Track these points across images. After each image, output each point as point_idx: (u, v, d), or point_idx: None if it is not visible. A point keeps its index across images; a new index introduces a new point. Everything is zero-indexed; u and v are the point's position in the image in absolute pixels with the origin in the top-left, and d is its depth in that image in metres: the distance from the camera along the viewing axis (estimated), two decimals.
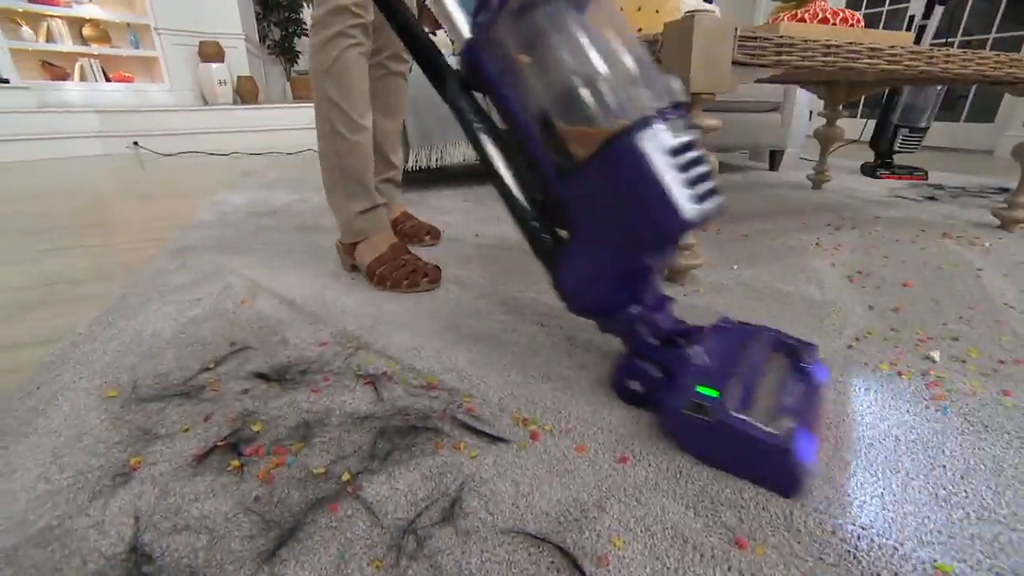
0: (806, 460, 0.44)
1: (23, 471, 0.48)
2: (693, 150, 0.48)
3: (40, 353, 0.71)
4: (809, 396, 0.53)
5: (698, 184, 0.47)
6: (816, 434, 0.49)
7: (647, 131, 0.46)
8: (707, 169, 0.49)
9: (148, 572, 0.37)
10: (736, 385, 0.49)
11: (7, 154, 2.74)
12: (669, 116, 0.47)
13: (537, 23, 0.51)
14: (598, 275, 0.55)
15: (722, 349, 0.56)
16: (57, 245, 1.24)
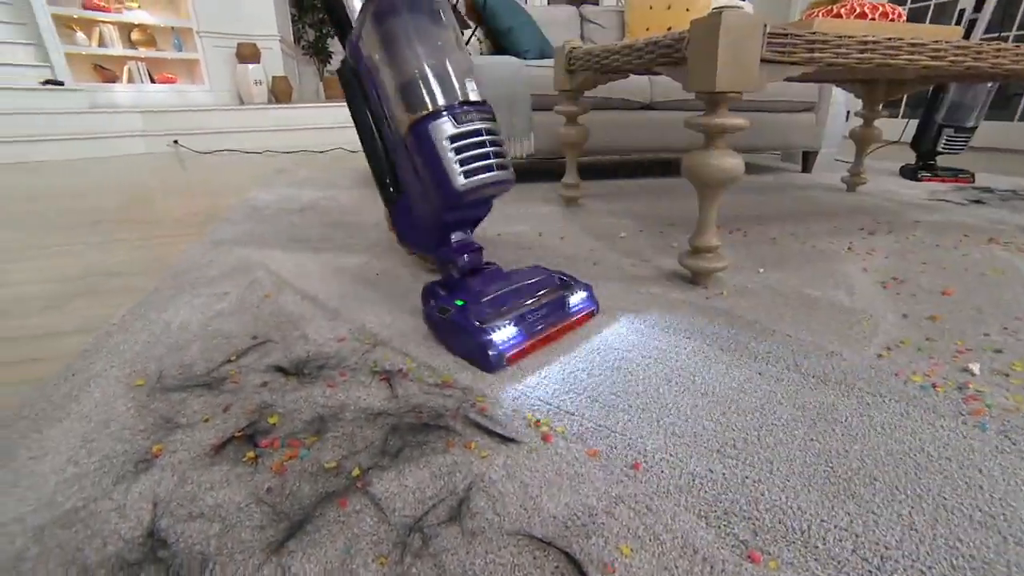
0: (499, 347, 0.64)
1: (54, 454, 0.50)
2: (472, 137, 0.67)
3: (78, 341, 0.74)
4: (547, 315, 0.71)
5: (471, 163, 0.67)
6: (530, 336, 0.68)
7: (435, 121, 0.66)
8: (482, 152, 0.68)
9: (163, 556, 0.39)
10: (489, 302, 0.69)
11: (61, 152, 2.88)
12: (456, 110, 0.67)
13: (387, 29, 0.69)
14: (415, 223, 0.76)
15: (503, 281, 0.74)
16: (100, 239, 1.30)
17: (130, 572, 0.37)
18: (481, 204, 0.75)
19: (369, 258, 1.09)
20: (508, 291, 0.72)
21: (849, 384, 0.61)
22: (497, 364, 0.64)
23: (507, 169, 0.71)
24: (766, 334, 0.74)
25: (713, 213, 0.86)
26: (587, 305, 0.77)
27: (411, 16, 0.69)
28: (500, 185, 0.71)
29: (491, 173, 0.69)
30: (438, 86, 0.68)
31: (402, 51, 0.68)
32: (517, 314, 0.69)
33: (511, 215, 1.47)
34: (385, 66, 0.70)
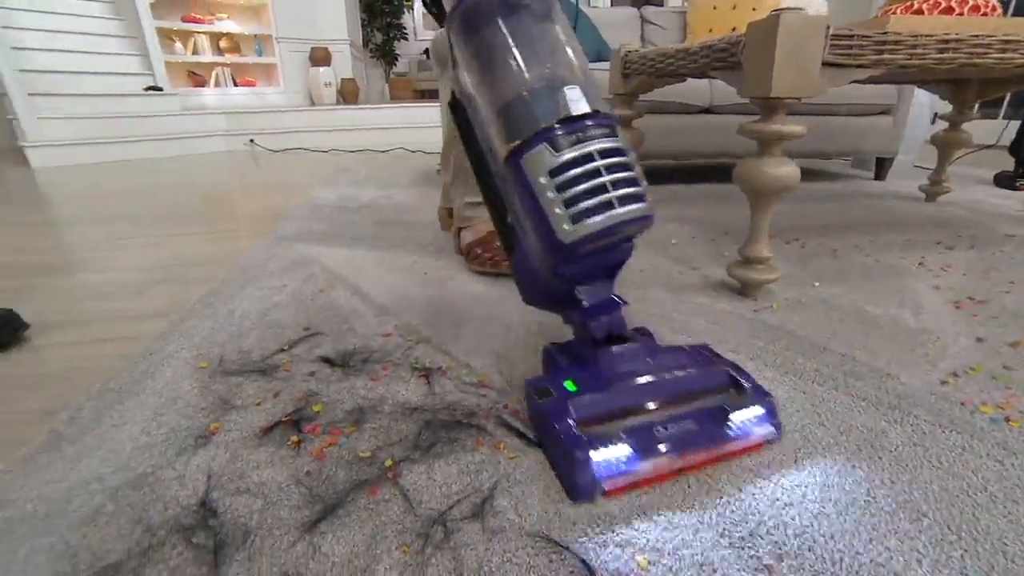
0: (598, 472, 0.45)
1: (131, 424, 0.56)
2: (581, 165, 0.47)
3: (157, 324, 0.82)
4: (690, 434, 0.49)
5: (581, 202, 0.47)
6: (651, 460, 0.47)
7: (528, 153, 0.48)
8: (596, 184, 0.47)
9: (212, 525, 0.43)
10: (607, 396, 0.51)
11: (156, 151, 3.17)
12: (555, 133, 0.48)
13: (474, 45, 0.54)
14: (534, 274, 0.56)
15: (643, 363, 0.53)
16: (182, 231, 1.43)
17: (184, 535, 0.42)
18: (610, 250, 0.53)
19: (420, 257, 1.13)
20: (642, 383, 0.52)
21: (904, 410, 0.58)
22: (587, 494, 0.45)
23: (638, 201, 0.49)
24: (815, 351, 0.70)
25: (765, 223, 0.83)
26: (761, 428, 0.51)
27: (501, 19, 0.52)
28: (629, 225, 0.49)
29: (611, 212, 0.47)
30: (532, 105, 0.49)
31: (491, 68, 0.52)
32: (641, 424, 0.49)
33: None
34: (479, 91, 0.53)
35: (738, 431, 0.50)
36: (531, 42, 0.52)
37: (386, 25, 5.35)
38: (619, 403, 0.51)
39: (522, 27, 0.52)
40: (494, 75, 0.52)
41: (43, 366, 0.72)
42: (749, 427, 0.50)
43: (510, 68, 0.51)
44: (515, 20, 0.52)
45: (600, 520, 0.44)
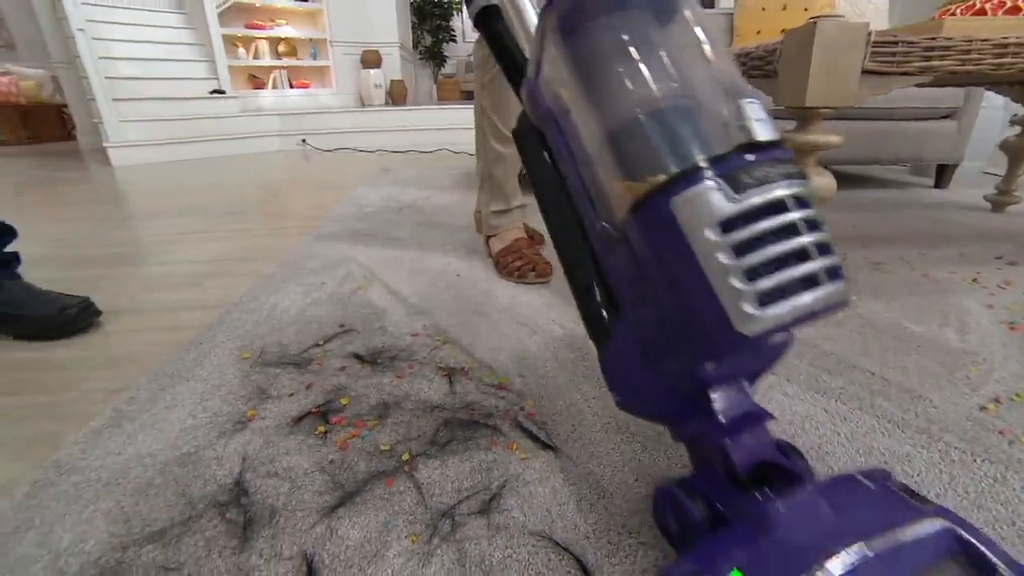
0: None
1: (180, 407, 0.62)
2: (769, 218, 0.30)
3: (208, 315, 0.89)
4: None
5: (771, 273, 0.30)
6: None
7: (687, 192, 0.31)
8: (796, 247, 0.30)
9: (244, 503, 0.47)
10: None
11: (217, 150, 3.38)
12: (733, 166, 0.31)
13: (582, 45, 0.38)
14: (645, 371, 0.39)
15: (833, 522, 0.34)
16: (237, 227, 1.53)
17: (220, 510, 0.46)
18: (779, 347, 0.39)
19: (454, 259, 1.17)
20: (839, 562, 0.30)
21: (933, 435, 0.55)
22: None
23: (840, 278, 0.32)
24: (843, 368, 0.68)
25: None
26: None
27: (622, 15, 0.37)
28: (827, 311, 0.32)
29: (818, 293, 0.31)
30: (687, 127, 0.33)
31: (610, 76, 0.36)
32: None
33: None
34: (582, 106, 0.38)
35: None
36: (677, 38, 0.37)
37: (435, 27, 5.47)
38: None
39: (661, 18, 0.37)
40: (613, 84, 0.36)
41: (111, 350, 0.80)
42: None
43: (642, 73, 0.35)
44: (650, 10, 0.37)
45: (603, 530, 0.45)
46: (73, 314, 0.83)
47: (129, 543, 0.43)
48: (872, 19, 1.86)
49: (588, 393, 0.65)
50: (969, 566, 0.33)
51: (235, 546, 0.43)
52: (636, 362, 0.40)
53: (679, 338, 0.36)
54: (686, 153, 0.32)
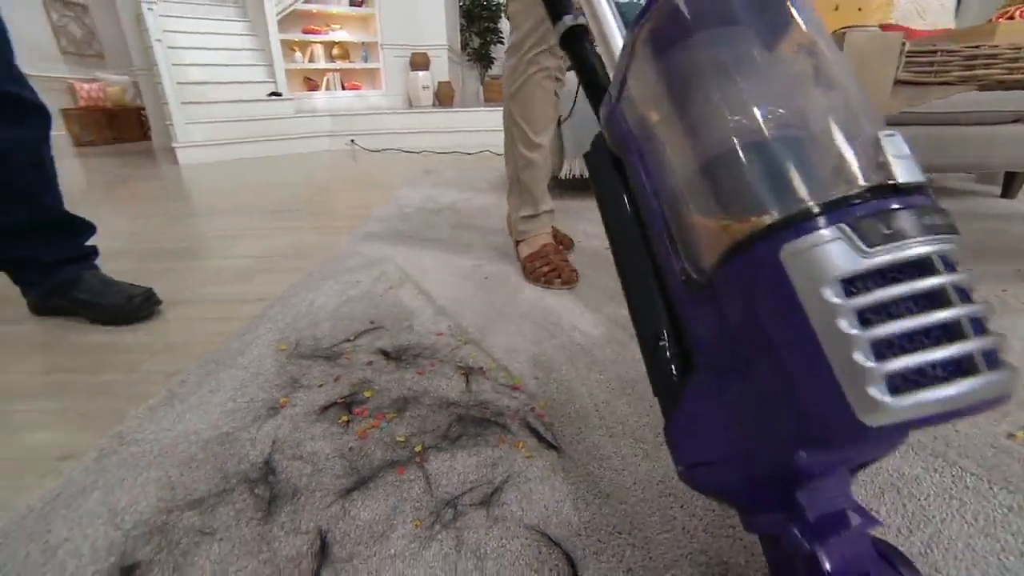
0: None
1: (222, 391, 0.69)
2: (909, 281, 0.24)
3: (253, 308, 0.97)
4: None
5: (908, 352, 0.24)
6: None
7: (803, 239, 0.25)
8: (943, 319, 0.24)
9: (271, 481, 0.52)
10: None
11: (272, 150, 3.58)
12: (864, 213, 0.25)
13: (676, 63, 0.34)
14: (723, 448, 0.33)
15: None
16: (286, 224, 1.63)
17: (250, 486, 0.52)
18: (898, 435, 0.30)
19: (484, 262, 1.21)
20: None
21: (949, 459, 0.54)
22: None
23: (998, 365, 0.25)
24: None
25: None
26: None
27: (726, 31, 0.33)
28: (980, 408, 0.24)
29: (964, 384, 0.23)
30: (807, 161, 0.28)
31: (708, 99, 0.32)
32: None
33: None
34: (674, 131, 0.34)
35: None
36: (789, 62, 0.32)
37: (483, 29, 5.54)
38: None
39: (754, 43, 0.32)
40: (714, 106, 0.31)
41: (169, 336, 0.89)
42: None
43: (750, 96, 0.30)
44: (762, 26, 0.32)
45: (594, 529, 0.47)
46: (138, 303, 0.92)
47: (173, 507, 0.49)
48: (936, 16, 1.76)
49: (598, 398, 0.67)
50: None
51: (260, 518, 0.48)
52: (712, 435, 0.34)
53: (775, 416, 0.28)
54: (804, 193, 0.26)
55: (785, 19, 0.31)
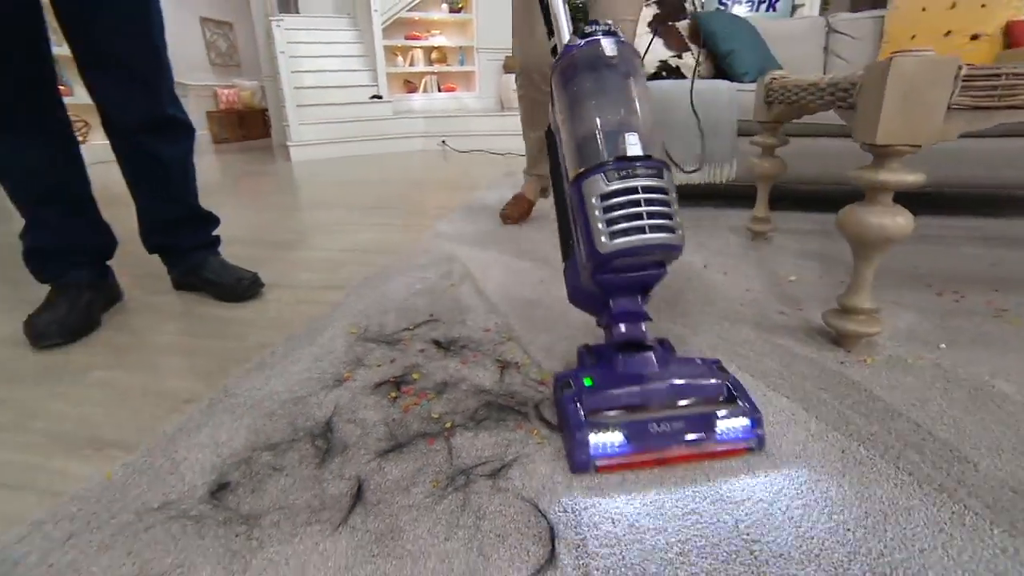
0: (592, 451, 0.58)
1: (301, 363, 0.84)
2: (623, 195, 0.59)
3: (336, 295, 1.13)
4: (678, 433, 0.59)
5: (619, 223, 0.59)
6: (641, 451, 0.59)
7: (587, 179, 0.61)
8: (634, 211, 0.59)
9: (328, 437, 0.65)
10: (613, 395, 0.63)
11: (372, 150, 3.91)
12: (610, 167, 0.60)
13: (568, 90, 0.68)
14: (578, 278, 0.70)
15: (654, 369, 0.65)
16: (376, 221, 1.82)
17: (312, 439, 0.65)
18: (645, 268, 0.64)
19: (539, 265, 1.29)
20: (648, 388, 0.63)
21: (957, 497, 0.54)
22: (581, 468, 0.58)
23: (669, 232, 0.59)
24: (885, 416, 0.67)
25: (868, 273, 0.78)
26: (743, 437, 0.60)
27: (588, 74, 0.66)
28: (657, 250, 0.60)
29: (642, 236, 0.58)
30: (597, 143, 0.62)
31: (576, 110, 0.66)
32: (636, 420, 0.60)
33: (690, 243, 1.48)
34: (564, 125, 0.68)
35: (722, 436, 0.60)
36: (608, 93, 0.66)
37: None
38: (625, 401, 0.63)
39: (603, 81, 0.66)
40: (578, 115, 0.66)
41: (267, 314, 1.07)
42: (733, 434, 0.60)
43: (590, 111, 0.65)
44: (599, 75, 0.66)
45: (578, 510, 0.54)
46: (245, 285, 1.12)
47: (256, 447, 0.63)
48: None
49: None
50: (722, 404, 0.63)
51: (316, 464, 0.60)
52: (575, 273, 0.70)
53: (586, 257, 0.63)
54: (598, 157, 0.62)
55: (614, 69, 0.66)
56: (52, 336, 0.93)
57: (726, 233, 1.53)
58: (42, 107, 0.94)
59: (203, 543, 0.50)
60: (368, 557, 0.48)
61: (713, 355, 0.82)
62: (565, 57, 0.69)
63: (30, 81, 0.91)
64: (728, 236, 1.50)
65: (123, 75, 0.96)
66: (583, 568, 0.47)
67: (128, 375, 0.84)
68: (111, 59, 0.95)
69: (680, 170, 1.55)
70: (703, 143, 1.54)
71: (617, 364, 0.65)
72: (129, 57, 0.96)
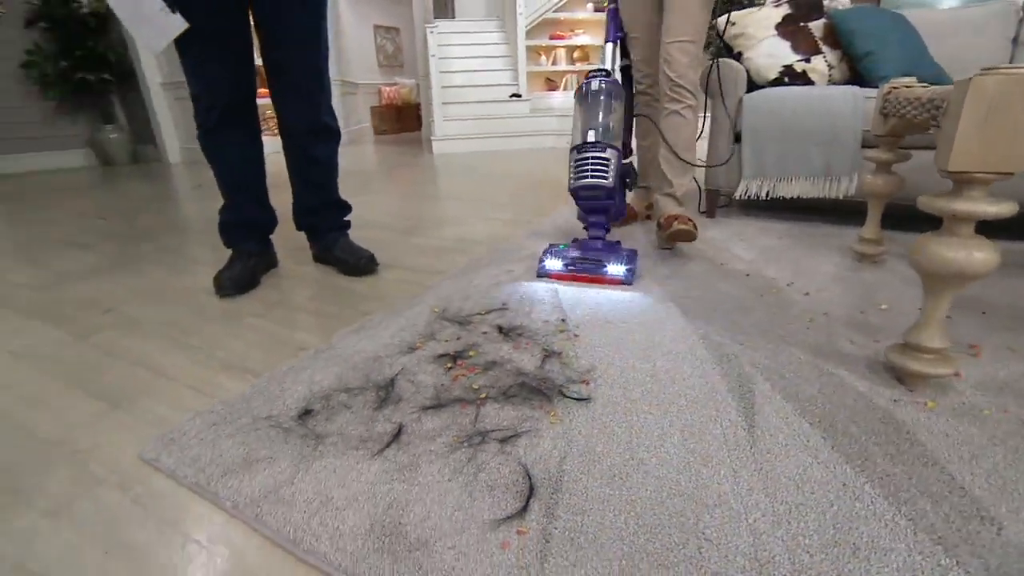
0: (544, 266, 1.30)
1: (387, 330, 1.02)
2: (580, 162, 1.28)
3: (432, 279, 1.32)
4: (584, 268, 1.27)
5: (576, 173, 1.28)
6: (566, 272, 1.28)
7: (571, 151, 1.32)
8: (586, 167, 1.26)
9: (389, 391, 0.82)
10: (565, 251, 1.32)
11: (506, 145, 4.16)
12: (580, 147, 1.29)
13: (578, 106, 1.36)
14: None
15: (590, 245, 1.32)
16: (485, 215, 2.01)
17: (376, 390, 0.82)
18: (597, 200, 1.29)
19: None
20: (583, 251, 1.29)
21: (958, 558, 0.51)
22: (540, 275, 1.29)
23: (600, 178, 1.25)
24: (917, 463, 0.63)
25: (940, 311, 0.72)
26: (618, 276, 1.23)
27: (581, 99, 1.35)
28: (591, 188, 1.26)
29: (584, 179, 1.26)
30: (579, 135, 1.31)
31: (577, 115, 1.35)
32: (569, 259, 1.28)
33: (783, 260, 1.40)
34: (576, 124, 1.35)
35: (606, 273, 1.24)
36: (589, 110, 1.32)
37: None
38: (570, 256, 1.29)
39: (587, 102, 1.33)
40: (576, 118, 1.34)
41: (376, 289, 1.30)
42: (614, 273, 1.24)
43: (578, 118, 1.34)
44: (586, 99, 1.34)
45: (559, 482, 0.63)
46: (363, 264, 1.36)
47: (335, 390, 0.82)
48: None
49: (633, 407, 0.78)
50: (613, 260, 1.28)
51: (374, 408, 0.77)
52: None
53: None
54: (577, 141, 1.32)
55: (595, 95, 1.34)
56: (228, 289, 1.26)
57: (831, 253, 1.41)
58: (253, 114, 1.28)
59: (286, 446, 0.69)
60: (389, 480, 0.63)
61: (752, 370, 0.82)
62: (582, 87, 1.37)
63: (250, 93, 1.24)
64: (831, 256, 1.39)
65: (296, 90, 1.26)
66: (545, 526, 0.56)
67: (270, 324, 1.12)
68: (289, 78, 1.25)
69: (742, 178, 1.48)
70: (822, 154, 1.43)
71: (580, 242, 1.34)
72: (301, 77, 1.25)
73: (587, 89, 1.31)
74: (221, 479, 0.64)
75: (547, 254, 1.29)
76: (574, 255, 1.27)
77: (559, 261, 1.26)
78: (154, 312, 1.19)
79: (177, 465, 0.67)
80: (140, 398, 0.85)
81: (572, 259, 1.26)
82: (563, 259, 1.26)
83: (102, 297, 1.29)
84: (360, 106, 5.82)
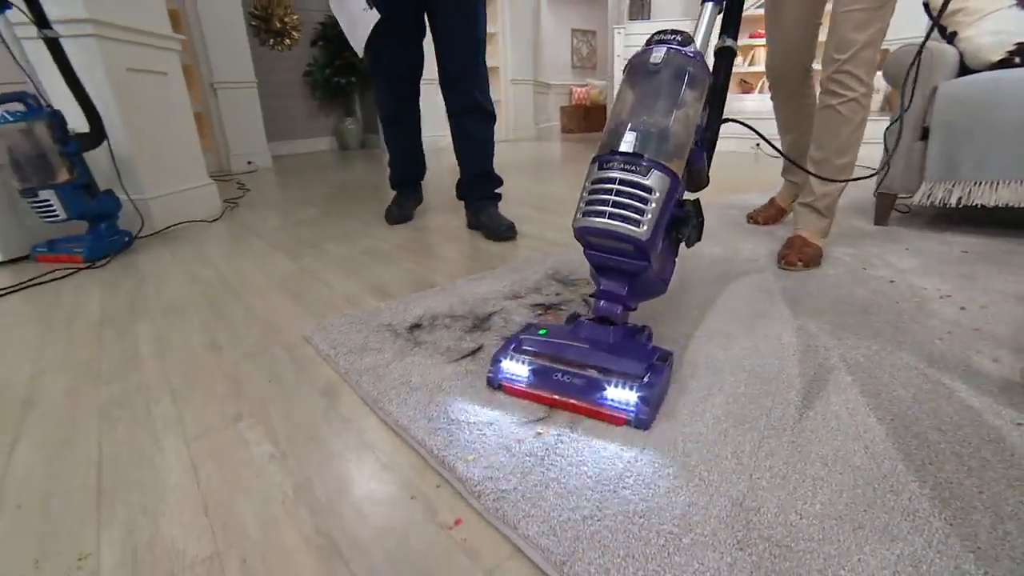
0: (500, 373, 0.73)
1: (502, 281, 1.18)
2: (601, 183, 0.69)
3: (556, 248, 1.44)
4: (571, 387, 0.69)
5: (590, 206, 0.69)
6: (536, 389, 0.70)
7: (592, 165, 0.73)
8: (602, 198, 0.68)
9: (485, 321, 0.97)
10: (544, 343, 0.74)
11: None
12: (603, 159, 0.70)
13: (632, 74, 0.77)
14: None
15: (585, 338, 0.73)
16: None
17: (475, 319, 0.97)
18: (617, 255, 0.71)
19: (722, 262, 1.28)
20: (572, 347, 0.71)
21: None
22: (491, 382, 0.74)
23: (627, 223, 0.66)
24: (1003, 482, 0.53)
25: None
26: (623, 410, 0.65)
27: (630, 74, 0.76)
28: (608, 235, 0.67)
29: (598, 219, 0.67)
30: (608, 136, 0.72)
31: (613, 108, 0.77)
32: (543, 366, 0.71)
33: (949, 272, 1.17)
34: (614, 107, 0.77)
35: (605, 402, 0.66)
36: (632, 94, 0.74)
37: None
38: (553, 351, 0.73)
39: (635, 83, 0.75)
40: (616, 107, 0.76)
41: (509, 251, 1.47)
42: (617, 405, 0.66)
43: (614, 108, 0.77)
44: (634, 78, 0.75)
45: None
46: (503, 230, 1.55)
47: (444, 315, 1.00)
48: None
49: (692, 371, 0.79)
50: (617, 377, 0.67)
51: (467, 330, 0.93)
52: None
53: None
54: (603, 149, 0.72)
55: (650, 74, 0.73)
56: (392, 219, 1.76)
57: (1021, 272, 1.12)
58: (417, 102, 1.66)
59: (393, 344, 0.89)
60: (453, 379, 0.77)
61: (838, 363, 0.76)
62: (629, 63, 0.78)
63: (416, 86, 1.59)
64: (1018, 275, 1.10)
65: (455, 77, 1.57)
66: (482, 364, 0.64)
67: (416, 267, 1.37)
68: (451, 67, 1.56)
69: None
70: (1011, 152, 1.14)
71: (573, 327, 0.76)
72: (461, 66, 1.55)
73: (640, 60, 0.75)
74: (344, 355, 0.86)
75: (507, 349, 0.75)
76: (553, 352, 0.73)
77: (523, 366, 0.72)
78: (343, 249, 1.55)
79: (320, 343, 0.92)
80: (314, 301, 1.15)
81: (547, 365, 0.72)
82: (531, 362, 0.72)
83: (314, 237, 1.72)
84: (551, 105, 6.18)
